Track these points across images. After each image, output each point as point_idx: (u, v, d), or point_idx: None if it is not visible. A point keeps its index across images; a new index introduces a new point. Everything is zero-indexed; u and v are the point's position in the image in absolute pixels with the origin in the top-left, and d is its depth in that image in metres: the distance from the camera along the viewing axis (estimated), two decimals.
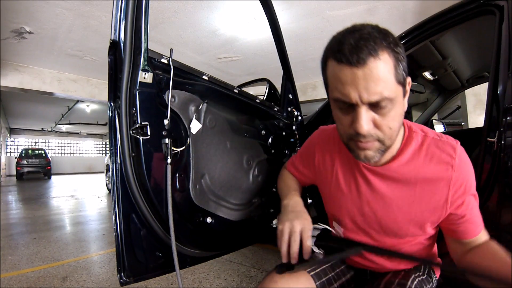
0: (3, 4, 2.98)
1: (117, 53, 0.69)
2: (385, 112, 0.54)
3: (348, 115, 0.56)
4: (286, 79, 1.27)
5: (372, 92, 0.51)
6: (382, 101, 0.52)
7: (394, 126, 0.56)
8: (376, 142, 0.57)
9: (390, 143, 0.59)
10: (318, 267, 0.75)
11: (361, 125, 0.53)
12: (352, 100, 0.52)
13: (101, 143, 18.93)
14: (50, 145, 16.74)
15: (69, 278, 2.05)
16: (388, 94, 0.51)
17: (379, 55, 0.50)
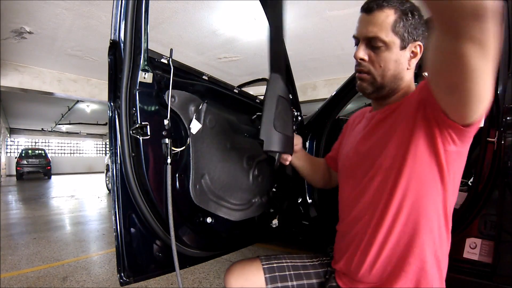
0: (3, 4, 2.97)
1: (117, 53, 0.69)
2: (379, 52, 0.68)
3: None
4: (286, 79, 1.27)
5: (369, 30, 0.67)
6: (376, 40, 0.67)
7: (385, 66, 0.69)
8: (368, 75, 0.71)
9: (382, 81, 0.70)
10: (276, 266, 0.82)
11: (357, 52, 0.70)
12: (357, 34, 0.70)
13: (101, 143, 18.93)
14: (50, 145, 16.73)
15: (69, 278, 2.05)
16: (381, 35, 0.66)
17: (384, 9, 0.66)
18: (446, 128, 0.56)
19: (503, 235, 0.90)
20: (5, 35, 3.74)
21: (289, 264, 0.81)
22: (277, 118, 0.72)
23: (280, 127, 0.73)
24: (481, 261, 0.94)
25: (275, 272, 0.79)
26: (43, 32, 3.67)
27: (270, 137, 0.71)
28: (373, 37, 0.67)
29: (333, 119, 1.56)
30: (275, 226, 1.12)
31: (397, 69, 0.69)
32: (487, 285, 0.92)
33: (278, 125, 0.72)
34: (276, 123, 0.72)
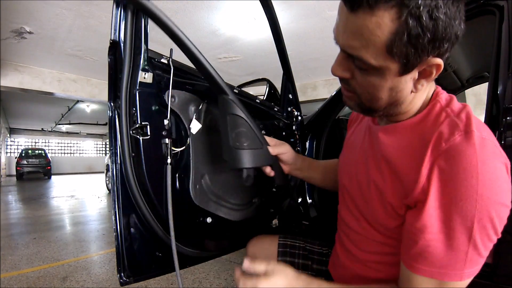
0: (3, 4, 2.97)
1: (117, 53, 0.69)
2: (365, 74, 0.47)
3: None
4: (286, 79, 1.27)
5: (346, 44, 0.45)
6: (358, 60, 0.45)
7: (374, 94, 0.49)
8: (355, 95, 0.52)
9: (371, 105, 0.51)
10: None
11: (334, 65, 0.50)
12: (335, 36, 0.48)
13: (101, 143, 18.93)
14: (50, 145, 16.74)
15: (69, 278, 2.05)
16: (365, 57, 0.44)
17: (375, 12, 0.40)
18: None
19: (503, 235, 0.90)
20: (5, 35, 3.74)
21: (301, 245, 0.89)
22: (235, 135, 0.72)
23: (241, 143, 0.73)
24: None
25: (287, 248, 0.88)
26: (43, 32, 3.67)
27: (231, 156, 0.74)
28: (353, 56, 0.45)
29: (333, 119, 1.55)
30: (275, 226, 1.11)
31: (393, 97, 0.49)
32: (487, 285, 0.92)
33: (238, 142, 0.73)
34: (235, 141, 0.72)
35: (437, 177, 0.43)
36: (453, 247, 0.42)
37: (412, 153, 0.49)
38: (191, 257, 0.86)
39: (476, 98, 4.18)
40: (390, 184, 0.52)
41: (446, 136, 0.44)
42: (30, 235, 3.25)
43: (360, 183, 0.61)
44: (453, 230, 0.42)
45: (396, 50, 0.41)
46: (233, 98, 0.72)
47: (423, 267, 0.45)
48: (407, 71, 0.45)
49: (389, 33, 0.40)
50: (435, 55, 0.43)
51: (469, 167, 0.41)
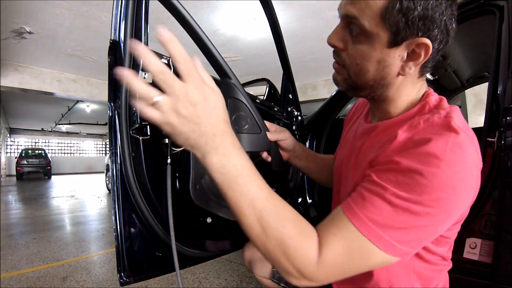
0: (3, 4, 2.97)
1: (117, 53, 0.69)
2: (357, 42, 0.49)
3: None
4: (286, 79, 1.27)
5: (347, 9, 0.48)
6: (354, 24, 0.48)
7: (362, 65, 0.50)
8: (343, 69, 0.54)
9: (357, 81, 0.53)
10: None
11: (331, 34, 0.53)
12: (339, 6, 0.51)
13: (101, 143, 18.93)
14: (50, 145, 16.74)
15: (69, 278, 2.05)
16: (362, 20, 0.46)
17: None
18: None
19: (503, 235, 0.90)
20: (5, 35, 3.74)
21: None
22: (235, 119, 0.73)
23: (240, 127, 0.74)
24: (481, 261, 0.94)
25: None
26: (43, 32, 3.68)
27: None
28: (350, 16, 0.47)
29: (333, 119, 1.55)
30: None
31: (380, 73, 0.50)
32: (487, 285, 0.92)
33: (237, 125, 0.73)
34: (234, 124, 0.71)
35: (410, 146, 0.44)
36: (393, 207, 0.41)
37: (386, 140, 0.50)
38: (191, 257, 0.86)
39: (476, 98, 4.17)
40: (363, 166, 0.53)
41: (426, 118, 0.47)
42: (30, 235, 3.25)
43: (346, 182, 0.61)
44: (405, 190, 0.41)
45: (389, 16, 0.44)
46: (235, 82, 0.73)
47: (358, 211, 0.42)
48: (396, 43, 0.46)
49: (385, 2, 0.44)
50: (425, 35, 0.45)
51: (444, 146, 0.41)
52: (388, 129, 0.53)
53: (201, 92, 0.38)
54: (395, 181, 0.42)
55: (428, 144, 0.42)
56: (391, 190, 0.42)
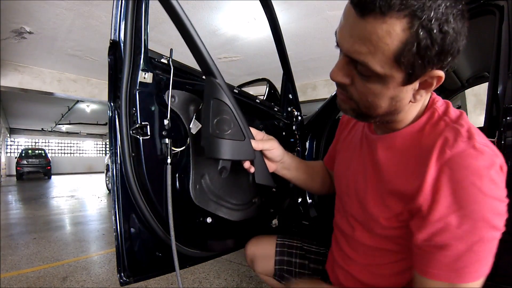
0: (3, 4, 2.97)
1: (117, 53, 0.69)
2: (367, 80, 0.46)
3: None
4: (286, 79, 1.27)
5: (352, 48, 0.44)
6: (362, 66, 0.44)
7: (373, 102, 0.48)
8: (351, 101, 0.51)
9: (368, 113, 0.51)
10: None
11: (333, 70, 0.49)
12: (338, 39, 0.47)
13: (101, 143, 18.93)
14: (50, 145, 16.74)
15: (69, 278, 2.05)
16: (372, 64, 0.43)
17: (386, 19, 0.39)
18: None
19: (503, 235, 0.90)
20: (5, 35, 3.74)
21: (298, 245, 0.90)
22: (217, 122, 0.67)
23: (222, 132, 0.67)
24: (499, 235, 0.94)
25: (285, 248, 0.89)
26: (43, 32, 3.67)
27: (208, 144, 0.68)
28: (358, 62, 0.44)
29: (333, 119, 1.56)
30: (275, 226, 1.12)
31: (392, 107, 0.49)
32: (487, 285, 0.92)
33: (219, 130, 0.67)
34: (215, 128, 0.67)
35: (445, 184, 0.43)
36: (466, 250, 0.43)
37: (412, 162, 0.49)
38: (191, 257, 0.86)
39: (476, 98, 4.17)
40: (389, 194, 0.53)
41: (450, 143, 0.45)
42: (30, 235, 3.25)
43: (357, 192, 0.61)
44: (466, 233, 0.42)
45: (404, 60, 0.41)
46: (221, 82, 0.67)
47: (437, 271, 0.45)
48: (411, 81, 0.45)
49: (399, 42, 0.40)
50: (438, 67, 0.43)
51: (475, 171, 0.42)
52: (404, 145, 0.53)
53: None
54: (450, 232, 0.43)
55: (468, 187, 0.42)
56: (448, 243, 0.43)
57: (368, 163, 0.60)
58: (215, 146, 0.67)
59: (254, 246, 0.93)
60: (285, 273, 0.85)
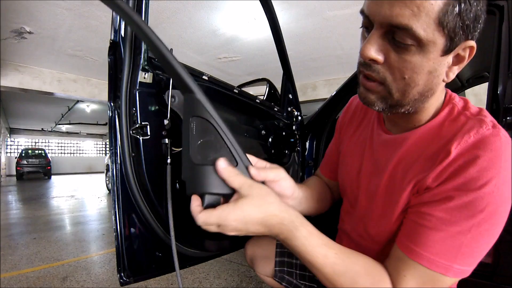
0: (3, 4, 2.97)
1: (117, 53, 0.69)
2: (405, 54, 0.42)
3: (365, 39, 0.46)
4: (286, 79, 1.27)
5: (395, 13, 0.39)
6: (404, 33, 0.40)
7: (411, 78, 0.43)
8: (381, 87, 0.46)
9: (401, 98, 0.46)
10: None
11: (367, 46, 0.43)
12: (369, 12, 0.43)
13: (101, 143, 18.93)
14: (50, 145, 16.73)
15: (69, 278, 2.05)
16: (415, 27, 0.39)
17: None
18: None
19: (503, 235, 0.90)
20: (5, 35, 3.74)
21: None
22: (200, 147, 0.51)
23: (205, 158, 0.50)
24: (481, 261, 0.94)
25: (285, 248, 0.83)
26: (43, 32, 3.67)
27: (190, 175, 0.51)
28: (400, 26, 0.39)
29: (333, 119, 1.56)
30: None
31: (429, 84, 0.45)
32: (487, 285, 0.92)
33: (201, 155, 0.50)
34: (198, 153, 0.50)
35: (461, 162, 0.42)
36: (452, 235, 0.42)
37: (430, 153, 0.47)
38: (191, 257, 0.86)
39: (476, 98, 4.17)
40: (402, 187, 0.50)
41: (475, 130, 0.43)
42: (30, 235, 3.25)
43: (370, 195, 0.58)
44: (460, 217, 0.42)
45: (447, 21, 0.39)
46: (201, 98, 0.51)
47: (421, 250, 0.44)
48: (450, 50, 0.42)
49: (443, 1, 0.38)
50: (473, 36, 0.42)
51: (495, 159, 0.41)
52: (422, 142, 0.50)
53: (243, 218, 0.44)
54: (452, 211, 0.42)
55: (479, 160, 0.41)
56: (450, 220, 0.42)
57: (382, 165, 0.56)
58: (200, 177, 0.50)
59: (254, 246, 0.92)
60: (286, 275, 0.84)
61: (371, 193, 0.58)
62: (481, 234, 0.42)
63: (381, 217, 0.55)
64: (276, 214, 0.45)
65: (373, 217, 0.58)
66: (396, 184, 0.52)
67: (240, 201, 0.44)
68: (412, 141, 0.51)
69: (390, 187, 0.53)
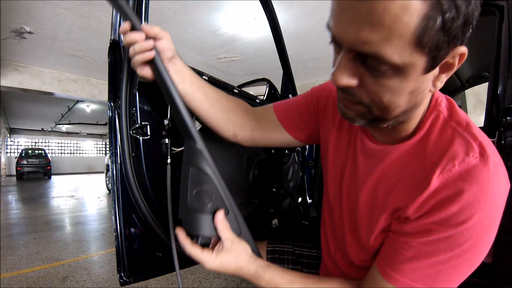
0: (3, 4, 2.97)
1: (117, 53, 0.69)
2: (381, 77, 0.36)
3: (337, 55, 0.41)
4: (286, 79, 1.27)
5: (359, 39, 0.34)
6: (375, 60, 0.35)
7: (391, 102, 0.39)
8: (359, 105, 0.42)
9: (381, 115, 0.42)
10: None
11: (335, 73, 0.39)
12: (335, 32, 0.38)
13: (101, 143, 18.93)
14: (50, 145, 16.73)
15: (69, 278, 2.05)
16: (387, 54, 0.33)
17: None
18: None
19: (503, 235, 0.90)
20: (5, 35, 3.74)
21: (290, 250, 0.87)
22: (196, 194, 0.58)
23: (202, 206, 0.58)
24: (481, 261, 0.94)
25: (276, 254, 0.86)
26: (43, 32, 3.67)
27: (187, 219, 0.59)
28: (369, 55, 0.35)
29: None
30: (275, 226, 1.12)
31: (413, 101, 0.41)
32: (487, 285, 0.92)
33: (198, 203, 0.58)
34: (195, 200, 0.58)
35: (444, 196, 0.41)
36: (430, 265, 0.42)
37: (414, 175, 0.45)
38: None
39: (476, 98, 4.17)
40: (381, 211, 0.49)
41: (461, 158, 0.40)
42: (30, 235, 3.25)
43: (350, 204, 0.58)
44: (439, 250, 0.41)
45: (428, 40, 0.32)
46: (201, 148, 0.58)
47: (398, 276, 0.44)
48: (434, 66, 0.36)
49: (419, 17, 0.31)
50: (461, 42, 0.35)
51: (480, 194, 0.39)
52: (406, 158, 0.47)
53: (220, 265, 0.56)
54: (431, 243, 0.42)
55: (464, 195, 0.39)
56: (428, 252, 0.42)
57: (361, 176, 0.54)
58: (194, 222, 0.59)
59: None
60: None
61: (351, 205, 0.58)
62: (461, 264, 0.42)
63: (360, 232, 0.55)
64: (244, 267, 0.56)
65: (352, 228, 0.58)
66: (377, 203, 0.51)
67: (220, 253, 0.56)
68: (395, 157, 0.48)
69: (370, 204, 0.52)
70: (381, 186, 0.50)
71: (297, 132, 0.71)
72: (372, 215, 0.51)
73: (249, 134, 0.72)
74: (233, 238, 0.57)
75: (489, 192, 0.39)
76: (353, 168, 0.58)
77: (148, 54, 0.52)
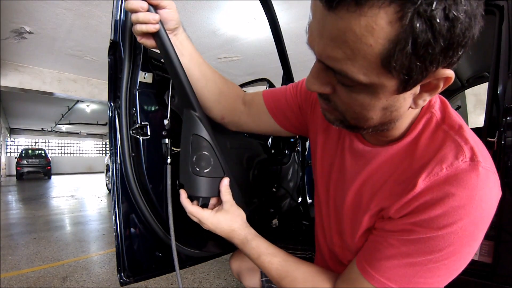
0: (3, 4, 2.97)
1: (117, 53, 0.69)
2: (351, 90, 0.36)
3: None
4: (286, 79, 1.27)
5: (324, 53, 0.34)
6: (341, 75, 0.34)
7: (362, 115, 0.39)
8: (336, 111, 0.43)
9: (356, 124, 0.42)
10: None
11: (308, 79, 0.40)
12: (307, 43, 0.39)
13: (101, 143, 18.93)
14: (50, 145, 16.73)
15: (69, 278, 2.05)
16: (351, 72, 0.33)
17: (365, 10, 0.28)
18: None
19: (503, 235, 0.90)
20: (5, 35, 3.73)
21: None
22: (196, 159, 0.63)
23: (201, 170, 0.64)
24: (481, 261, 0.94)
25: None
26: (43, 32, 3.67)
27: (187, 182, 0.65)
28: (335, 70, 0.35)
29: None
30: (275, 226, 1.11)
31: (388, 117, 0.40)
32: (487, 285, 0.92)
33: (198, 167, 0.64)
34: (195, 165, 0.63)
35: (428, 198, 0.40)
36: (407, 265, 0.42)
37: (402, 177, 0.44)
38: (191, 257, 0.86)
39: (476, 98, 4.17)
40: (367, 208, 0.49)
41: (449, 162, 0.39)
42: (30, 235, 3.25)
43: (336, 204, 0.59)
44: (417, 251, 0.41)
45: (396, 64, 0.31)
46: (201, 116, 0.63)
47: (374, 273, 0.44)
48: (408, 88, 0.35)
49: (386, 40, 0.29)
50: (445, 65, 0.33)
51: (467, 199, 0.37)
52: (394, 161, 0.46)
53: (216, 224, 0.62)
54: (410, 243, 0.41)
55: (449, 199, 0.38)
56: (406, 252, 0.42)
57: (348, 176, 0.54)
58: (195, 184, 0.64)
59: (238, 260, 0.91)
60: (273, 285, 0.82)
61: (337, 205, 0.58)
62: (439, 268, 0.41)
63: (345, 232, 0.55)
64: (236, 229, 0.62)
65: (338, 229, 0.59)
66: (361, 204, 0.50)
67: (219, 212, 0.62)
68: (383, 158, 0.48)
69: (355, 205, 0.52)
70: (366, 187, 0.50)
71: (284, 121, 0.72)
72: (356, 215, 0.51)
73: (237, 118, 0.75)
74: (232, 202, 0.64)
75: (476, 198, 0.37)
76: (340, 167, 0.57)
77: (153, 26, 0.53)
